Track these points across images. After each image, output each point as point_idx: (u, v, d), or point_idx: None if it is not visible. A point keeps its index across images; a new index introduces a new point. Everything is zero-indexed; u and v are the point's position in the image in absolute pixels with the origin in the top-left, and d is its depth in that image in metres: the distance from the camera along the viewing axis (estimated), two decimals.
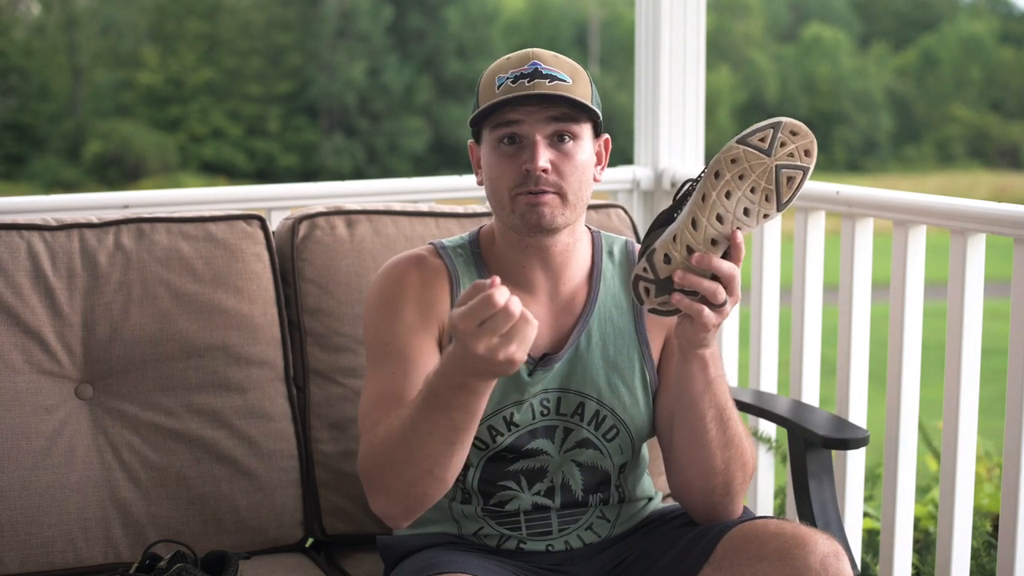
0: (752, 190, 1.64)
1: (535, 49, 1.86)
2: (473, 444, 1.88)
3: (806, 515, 2.13)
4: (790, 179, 1.64)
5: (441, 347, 1.87)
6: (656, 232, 1.69)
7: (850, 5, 27.76)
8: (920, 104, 26.27)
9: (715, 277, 1.66)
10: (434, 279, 1.89)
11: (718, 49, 24.78)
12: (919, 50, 26.84)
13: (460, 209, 2.42)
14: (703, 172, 1.66)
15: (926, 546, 3.19)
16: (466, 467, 1.90)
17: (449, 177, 2.87)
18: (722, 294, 1.65)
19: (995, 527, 3.16)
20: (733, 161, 1.64)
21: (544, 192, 1.80)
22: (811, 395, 2.68)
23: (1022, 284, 2.20)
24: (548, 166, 1.79)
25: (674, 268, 1.66)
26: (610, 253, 1.97)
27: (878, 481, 3.52)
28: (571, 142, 1.82)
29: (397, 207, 2.36)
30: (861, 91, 25.69)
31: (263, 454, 2.18)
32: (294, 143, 23.26)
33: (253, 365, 2.19)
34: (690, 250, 1.65)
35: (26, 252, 2.12)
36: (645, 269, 1.67)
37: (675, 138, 3.09)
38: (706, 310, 1.66)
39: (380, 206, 2.35)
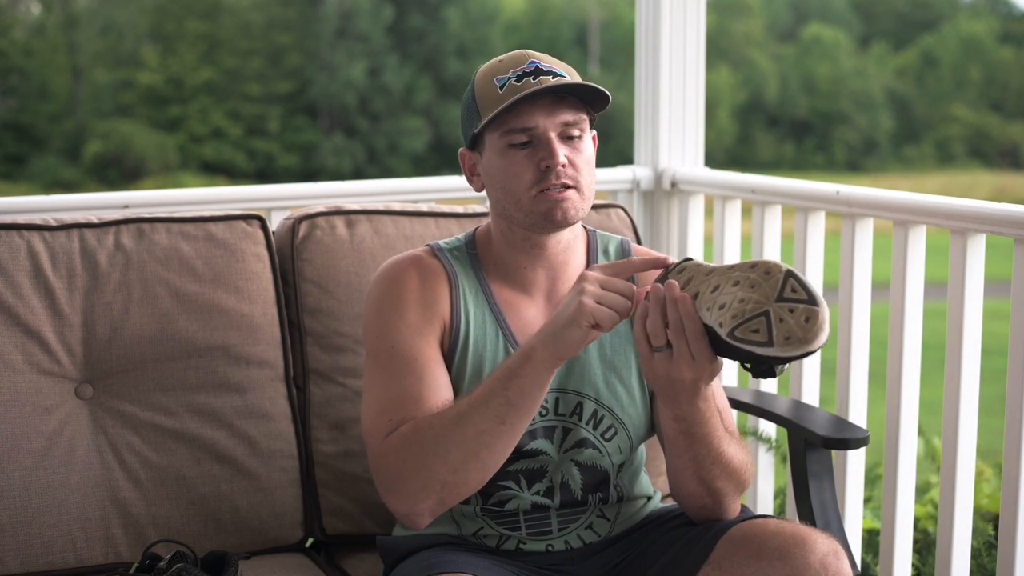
0: (741, 300, 1.59)
1: (526, 50, 1.87)
2: None
3: (806, 515, 2.13)
4: (756, 330, 1.56)
5: (443, 348, 1.87)
6: (726, 267, 1.67)
7: (850, 5, 27.76)
8: (920, 104, 26.27)
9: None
10: (433, 279, 1.89)
11: (718, 49, 24.79)
12: (919, 50, 26.84)
13: (460, 209, 2.42)
14: (766, 262, 1.62)
15: (926, 546, 3.19)
16: None
17: (449, 177, 2.86)
18: (656, 338, 1.64)
19: (996, 527, 3.16)
20: (767, 273, 1.59)
21: (566, 187, 1.81)
22: (811, 395, 2.68)
23: (1022, 284, 2.20)
24: (565, 160, 1.81)
25: (680, 279, 1.66)
26: (605, 252, 1.98)
27: (878, 481, 3.52)
28: (578, 138, 1.84)
29: (397, 207, 2.36)
30: (861, 91, 25.69)
31: (263, 454, 2.18)
32: (294, 143, 23.26)
33: (253, 365, 2.19)
34: (689, 283, 1.65)
35: (26, 252, 2.12)
36: (676, 261, 1.70)
37: (675, 138, 3.08)
38: (645, 343, 1.66)
39: (380, 206, 2.35)
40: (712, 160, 3.24)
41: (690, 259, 1.70)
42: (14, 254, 2.11)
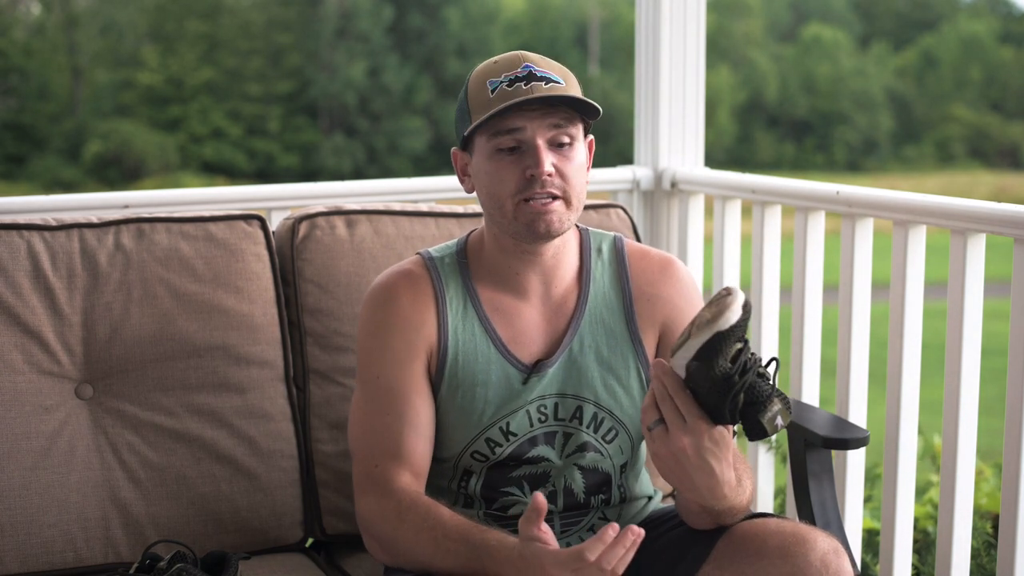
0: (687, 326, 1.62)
1: (522, 52, 1.85)
2: (472, 456, 1.89)
3: (806, 515, 2.13)
4: (683, 336, 1.60)
5: (432, 370, 1.88)
6: (734, 334, 1.63)
7: (850, 5, 27.77)
8: (920, 104, 26.29)
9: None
10: (422, 299, 1.88)
11: (718, 49, 24.80)
12: (919, 50, 26.85)
13: (460, 209, 2.41)
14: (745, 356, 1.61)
15: (926, 546, 3.19)
16: (468, 475, 1.91)
17: (449, 177, 2.86)
18: (647, 416, 1.63)
19: (995, 527, 3.16)
20: (721, 298, 1.61)
21: (551, 198, 1.79)
22: (811, 395, 2.68)
23: (1022, 284, 2.20)
24: (552, 170, 1.78)
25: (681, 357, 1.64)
26: (599, 250, 1.96)
27: (877, 481, 3.52)
28: (569, 145, 1.81)
29: (397, 207, 2.36)
30: (861, 91, 25.71)
31: (263, 454, 2.18)
32: (294, 143, 23.28)
33: (253, 365, 2.19)
34: (675, 345, 1.64)
35: (26, 252, 2.11)
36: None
37: (675, 138, 3.08)
38: (644, 428, 1.65)
39: (380, 206, 2.35)
40: (712, 160, 3.24)
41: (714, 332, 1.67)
42: (14, 254, 2.11)
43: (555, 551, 1.60)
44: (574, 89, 1.82)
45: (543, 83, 1.79)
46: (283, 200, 2.70)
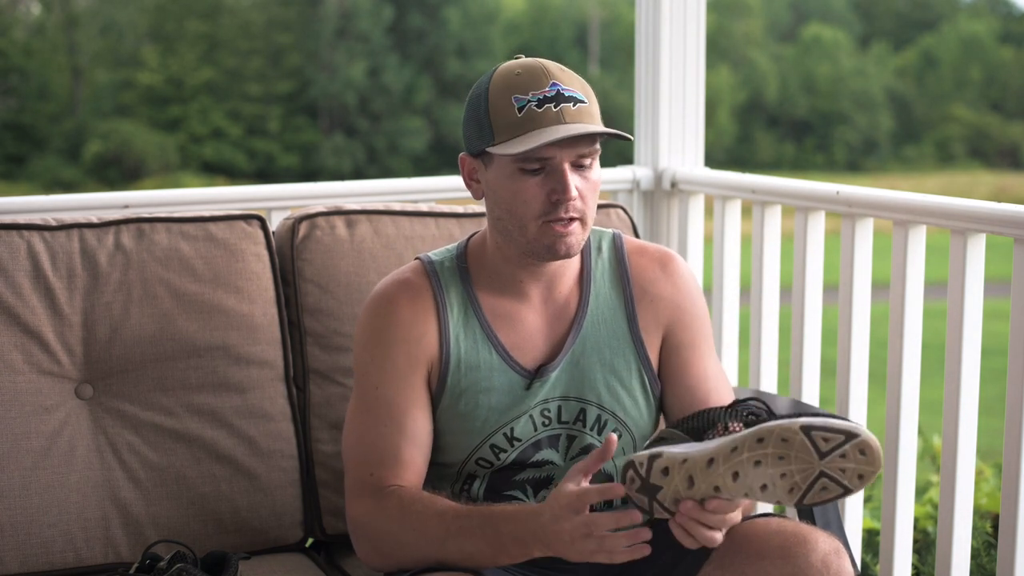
0: (782, 476, 1.55)
1: (544, 63, 1.81)
2: (477, 463, 1.89)
3: (806, 515, 2.12)
4: (824, 488, 1.55)
5: (433, 381, 1.87)
6: (676, 436, 1.64)
7: (850, 5, 27.79)
8: (920, 104, 26.30)
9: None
10: (422, 311, 1.87)
11: (718, 49, 24.81)
12: (919, 50, 26.87)
13: (460, 209, 2.41)
14: (751, 416, 1.60)
15: (926, 546, 3.19)
16: (472, 479, 1.91)
17: (449, 177, 2.86)
18: (714, 541, 1.63)
19: (995, 527, 3.16)
20: (784, 440, 1.55)
21: (572, 220, 1.79)
22: (811, 395, 2.68)
23: (1022, 284, 2.20)
24: (576, 193, 1.78)
25: (668, 488, 1.62)
26: (599, 249, 1.96)
27: (878, 481, 3.52)
28: (588, 166, 1.80)
29: (397, 207, 2.36)
30: (861, 91, 25.72)
31: (263, 454, 2.18)
32: (294, 143, 23.28)
33: (253, 365, 2.19)
34: (691, 482, 1.60)
35: (26, 252, 2.12)
36: (641, 463, 1.64)
37: (675, 138, 3.08)
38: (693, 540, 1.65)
39: (380, 206, 2.35)
40: (712, 160, 3.24)
41: (659, 454, 1.63)
42: (14, 254, 2.11)
43: (573, 490, 1.64)
44: (595, 106, 1.81)
45: (571, 104, 1.77)
46: (283, 200, 2.70)
